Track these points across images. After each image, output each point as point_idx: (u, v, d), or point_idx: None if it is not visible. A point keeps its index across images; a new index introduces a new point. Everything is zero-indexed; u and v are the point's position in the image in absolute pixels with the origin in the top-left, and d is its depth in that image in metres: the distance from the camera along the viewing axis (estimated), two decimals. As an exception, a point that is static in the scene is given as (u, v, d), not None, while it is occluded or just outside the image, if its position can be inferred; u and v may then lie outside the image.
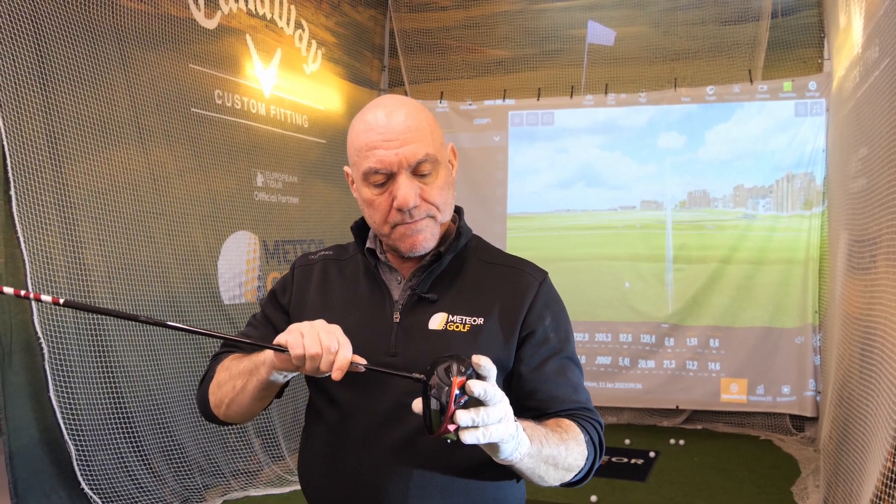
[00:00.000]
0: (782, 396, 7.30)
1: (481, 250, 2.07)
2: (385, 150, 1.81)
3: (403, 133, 1.83)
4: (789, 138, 7.26)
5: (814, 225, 7.20)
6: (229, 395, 1.88)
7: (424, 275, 1.94)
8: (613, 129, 7.89)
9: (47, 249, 4.52)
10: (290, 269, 2.15)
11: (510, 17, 8.21)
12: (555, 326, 1.97)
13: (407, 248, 1.89)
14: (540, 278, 2.01)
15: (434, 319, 1.90)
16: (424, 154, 1.83)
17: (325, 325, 1.65)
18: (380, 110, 1.87)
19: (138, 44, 5.19)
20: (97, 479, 4.72)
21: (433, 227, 1.90)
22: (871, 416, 3.90)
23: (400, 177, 1.82)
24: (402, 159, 1.81)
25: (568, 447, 1.77)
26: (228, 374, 1.89)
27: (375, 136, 1.83)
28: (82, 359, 4.70)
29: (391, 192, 1.84)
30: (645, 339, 7.73)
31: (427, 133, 1.87)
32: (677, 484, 5.91)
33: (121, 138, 5.06)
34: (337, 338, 1.63)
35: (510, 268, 2.02)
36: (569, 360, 1.97)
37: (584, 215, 8.01)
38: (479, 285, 1.97)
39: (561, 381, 1.93)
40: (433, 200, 1.88)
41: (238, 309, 6.02)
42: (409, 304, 1.92)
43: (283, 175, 6.70)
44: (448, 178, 1.94)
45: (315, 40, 7.22)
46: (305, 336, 1.62)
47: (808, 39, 7.25)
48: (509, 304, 1.93)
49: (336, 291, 2.02)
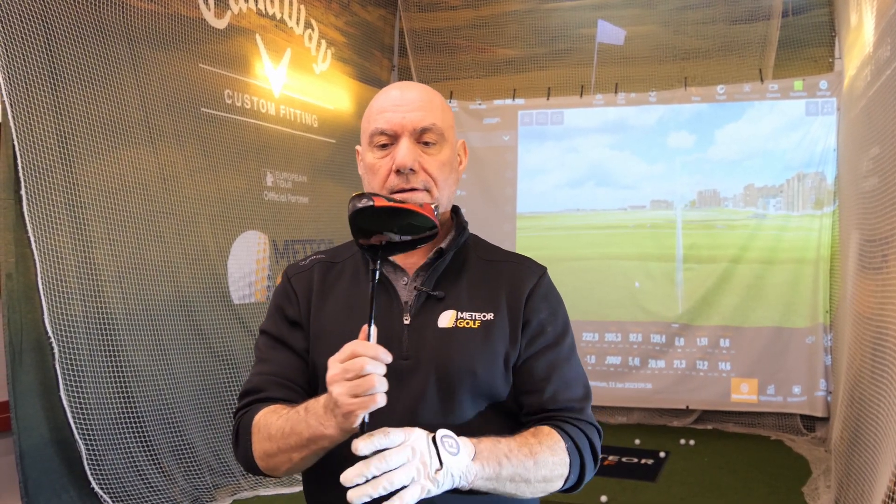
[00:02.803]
0: (793, 396, 7.28)
1: (479, 248, 2.05)
2: (393, 112, 1.85)
3: (414, 101, 1.87)
4: (800, 137, 7.24)
5: (824, 224, 7.17)
6: (285, 465, 1.76)
7: (429, 272, 1.91)
8: (623, 129, 7.88)
9: (58, 249, 4.53)
10: (282, 280, 2.06)
11: (520, 17, 8.20)
12: (551, 320, 1.94)
13: None
14: (539, 272, 2.00)
15: (443, 317, 1.87)
16: (431, 122, 1.86)
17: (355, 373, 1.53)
18: (397, 84, 1.93)
19: (148, 44, 5.20)
20: (107, 478, 4.72)
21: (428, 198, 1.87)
22: (882, 417, 3.88)
23: (402, 139, 1.84)
24: (407, 122, 1.84)
25: (538, 461, 1.72)
26: (277, 446, 1.73)
27: (387, 102, 1.87)
28: (92, 358, 4.72)
29: (392, 156, 1.85)
30: (655, 338, 7.71)
31: (438, 108, 1.90)
32: (687, 484, 5.89)
33: (131, 138, 5.07)
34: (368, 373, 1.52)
35: (509, 262, 2.01)
36: (564, 355, 1.94)
37: (594, 215, 8.00)
38: (483, 281, 1.95)
39: (552, 376, 1.89)
40: (432, 172, 1.87)
41: (248, 308, 6.02)
42: (417, 303, 1.88)
43: (292, 175, 6.70)
44: (452, 160, 1.94)
45: (325, 40, 7.22)
46: (340, 397, 1.52)
47: (819, 38, 7.22)
48: (512, 298, 1.92)
49: (338, 295, 1.96)
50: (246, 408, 1.89)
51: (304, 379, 1.92)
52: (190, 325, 5.46)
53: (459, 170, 2.02)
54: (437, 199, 1.88)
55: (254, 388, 1.91)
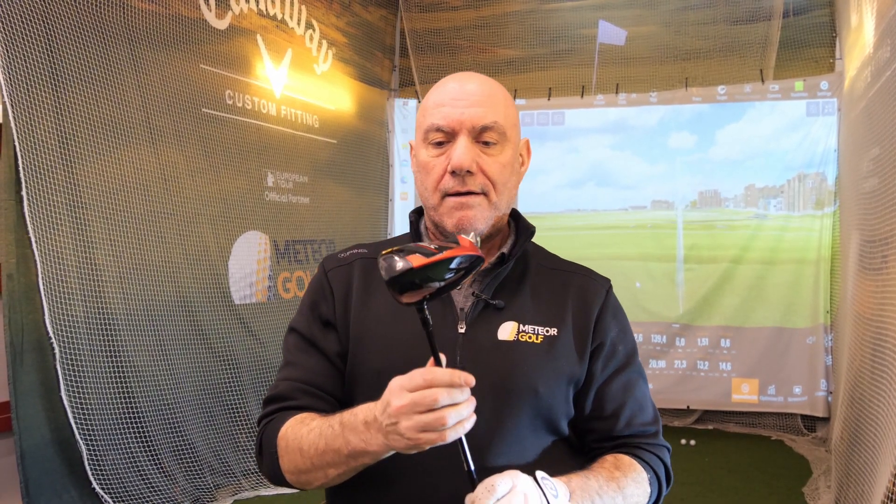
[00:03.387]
0: (794, 396, 7.28)
1: (540, 255, 1.93)
2: (451, 107, 1.71)
3: (474, 95, 1.72)
4: (801, 138, 7.24)
5: (825, 225, 7.17)
6: (320, 480, 1.64)
7: (489, 279, 1.78)
8: (624, 129, 7.88)
9: (58, 249, 4.53)
10: (318, 273, 1.91)
11: (521, 17, 8.20)
12: (622, 338, 1.84)
13: (454, 225, 1.71)
14: (606, 286, 1.89)
15: (503, 329, 1.73)
16: (492, 121, 1.72)
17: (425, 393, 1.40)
18: (458, 76, 1.79)
19: (149, 44, 5.20)
20: (108, 478, 4.73)
21: (486, 209, 1.73)
22: (882, 417, 3.89)
23: (460, 137, 1.70)
24: (466, 119, 1.70)
25: (626, 495, 1.64)
26: (310, 462, 1.61)
27: (445, 96, 1.73)
28: (93, 358, 4.72)
29: (448, 155, 1.71)
30: (656, 339, 7.72)
31: (501, 103, 1.76)
32: (688, 484, 5.89)
33: (132, 138, 5.07)
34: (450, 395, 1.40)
35: (575, 274, 1.89)
36: (636, 374, 1.85)
37: (595, 215, 8.00)
38: (547, 292, 1.82)
39: (627, 400, 1.80)
40: (491, 174, 1.72)
41: (249, 309, 6.02)
42: (473, 312, 1.74)
43: (293, 175, 6.71)
44: (514, 162, 1.80)
45: (326, 40, 7.22)
46: (409, 433, 1.39)
47: (820, 39, 7.22)
48: (581, 314, 1.80)
49: (382, 295, 1.79)
50: (271, 416, 1.78)
51: (333, 385, 1.80)
52: (191, 326, 5.46)
53: (521, 171, 1.89)
54: (496, 204, 1.75)
55: (280, 395, 1.79)
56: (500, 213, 1.78)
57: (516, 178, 1.83)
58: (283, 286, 6.48)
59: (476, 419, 1.50)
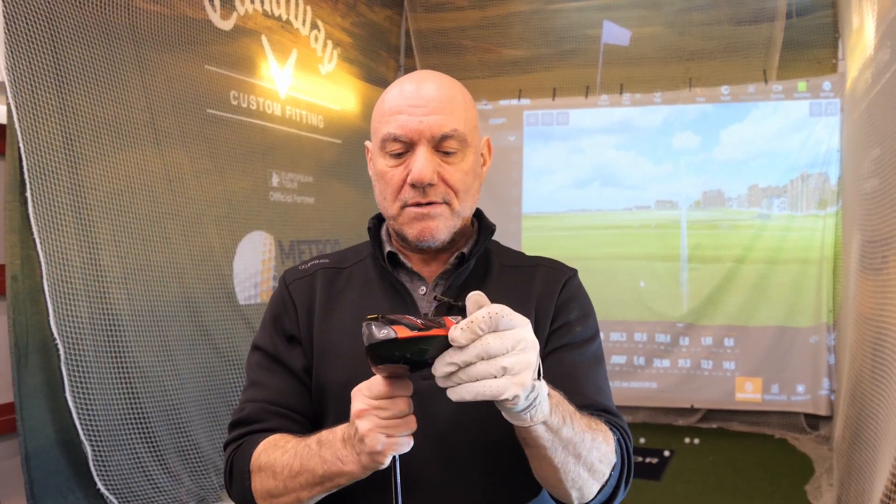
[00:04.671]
0: (797, 395, 7.29)
1: (502, 254, 1.87)
2: (409, 115, 1.62)
3: (433, 101, 1.63)
4: (804, 138, 7.25)
5: (828, 225, 7.18)
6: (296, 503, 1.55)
7: (450, 280, 1.73)
8: (628, 129, 7.89)
9: (63, 251, 4.53)
10: (279, 286, 1.86)
11: (526, 17, 8.22)
12: (581, 321, 1.76)
13: (415, 236, 1.66)
14: (569, 273, 1.85)
15: None
16: (452, 129, 1.63)
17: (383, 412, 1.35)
18: (414, 77, 1.70)
19: (154, 45, 5.21)
20: (113, 479, 4.73)
21: (448, 218, 1.68)
22: (882, 416, 3.90)
23: (419, 148, 1.62)
24: (425, 128, 1.61)
25: (595, 438, 1.47)
26: (283, 484, 1.53)
27: (401, 101, 1.64)
28: (98, 359, 4.72)
29: (407, 165, 1.64)
30: (660, 338, 7.73)
31: (460, 108, 1.67)
32: (692, 483, 5.91)
33: (136, 139, 5.08)
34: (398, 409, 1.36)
35: (539, 267, 1.84)
36: (593, 358, 1.74)
37: (599, 215, 8.02)
38: (511, 290, 1.76)
39: (581, 379, 1.67)
40: (453, 183, 1.65)
41: (253, 309, 6.04)
42: (437, 315, 1.62)
43: (298, 175, 6.73)
44: (476, 166, 1.73)
45: (331, 41, 7.24)
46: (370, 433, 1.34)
47: (823, 40, 7.22)
48: (542, 301, 1.75)
49: (347, 306, 1.75)
50: (238, 440, 1.71)
51: (303, 403, 1.73)
52: (196, 326, 5.48)
53: (483, 171, 1.81)
54: (459, 211, 1.69)
55: (247, 418, 1.73)
56: (464, 218, 1.74)
57: (479, 181, 1.77)
58: (288, 286, 6.47)
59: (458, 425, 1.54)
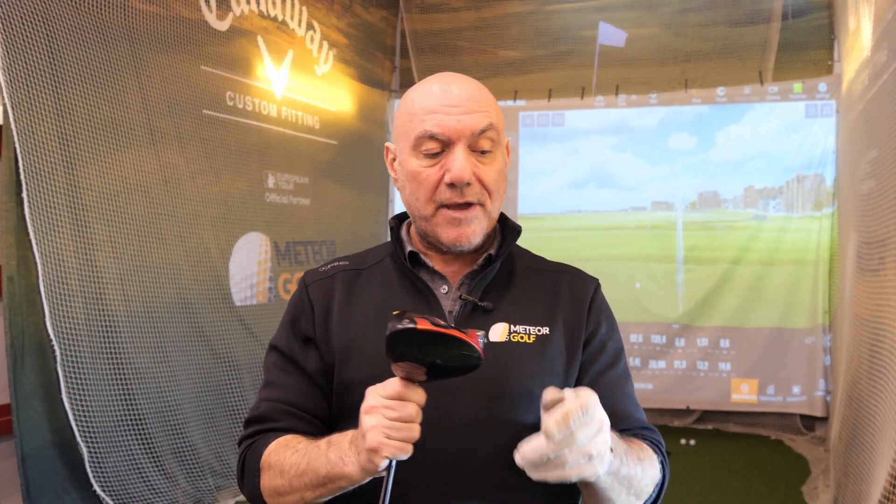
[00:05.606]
0: (793, 396, 7.29)
1: (524, 257, 1.87)
2: (445, 115, 1.61)
3: (467, 100, 1.63)
4: (800, 139, 7.26)
5: (824, 226, 7.19)
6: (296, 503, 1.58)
7: (476, 281, 1.71)
8: (624, 131, 7.89)
9: (59, 251, 4.52)
10: (298, 288, 1.85)
11: (521, 19, 8.21)
12: (610, 335, 1.79)
13: (451, 240, 1.66)
14: (595, 283, 1.85)
15: (494, 331, 1.66)
16: (488, 123, 1.63)
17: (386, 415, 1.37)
18: (440, 79, 1.69)
19: (150, 46, 5.20)
20: (109, 480, 4.72)
21: (482, 220, 1.67)
22: (879, 417, 3.90)
23: (457, 147, 1.61)
24: (463, 127, 1.61)
25: (644, 468, 1.55)
26: (289, 483, 1.56)
27: (434, 101, 1.63)
28: (94, 360, 4.71)
29: (443, 165, 1.62)
30: (656, 339, 7.73)
31: (492, 106, 1.68)
32: (688, 484, 5.91)
33: (132, 140, 5.07)
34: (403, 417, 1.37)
35: (564, 273, 1.85)
36: (624, 372, 1.79)
37: (596, 216, 8.02)
38: (536, 292, 1.76)
39: (620, 397, 1.72)
40: (488, 183, 1.65)
41: (249, 310, 6.03)
42: (462, 314, 1.68)
43: (294, 176, 6.72)
44: (504, 167, 1.73)
45: (326, 41, 7.24)
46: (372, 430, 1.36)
47: (819, 41, 7.23)
48: (570, 312, 1.74)
49: (367, 304, 1.73)
50: (252, 437, 1.75)
51: (316, 405, 1.73)
52: (192, 327, 5.47)
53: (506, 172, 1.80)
54: (490, 212, 1.69)
55: (262, 417, 1.75)
56: (493, 219, 1.74)
57: (505, 182, 1.76)
58: (284, 287, 6.49)
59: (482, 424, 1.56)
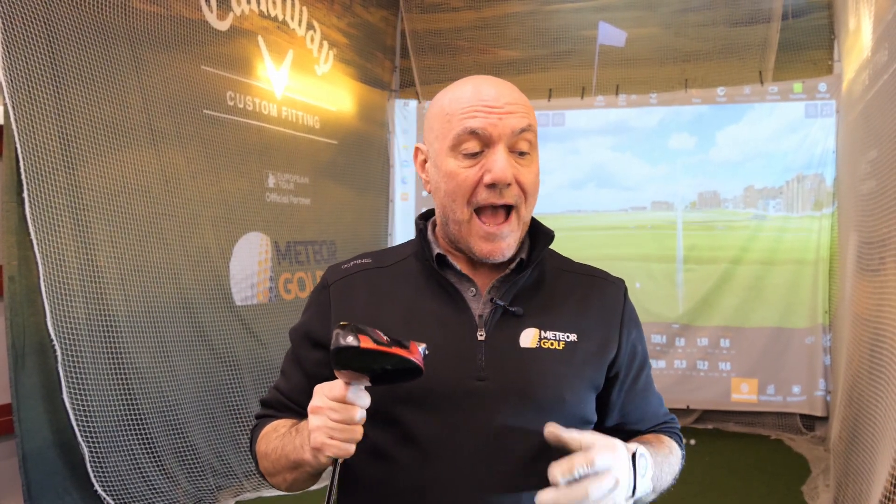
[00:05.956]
0: (793, 396, 7.29)
1: (553, 259, 1.85)
2: (486, 115, 1.61)
3: (507, 101, 1.65)
4: (800, 139, 7.25)
5: (824, 226, 7.19)
6: (283, 485, 1.69)
7: (507, 285, 1.70)
8: (624, 130, 7.89)
9: (60, 251, 4.53)
10: (319, 288, 1.82)
11: (521, 18, 8.21)
12: (640, 339, 1.83)
13: (484, 254, 1.65)
14: (623, 288, 1.87)
15: (525, 336, 1.66)
16: (528, 124, 1.65)
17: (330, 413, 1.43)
18: (479, 79, 1.70)
19: (151, 46, 5.20)
20: (110, 480, 4.73)
21: (516, 232, 1.67)
22: (880, 417, 3.90)
23: (497, 147, 1.61)
24: (504, 126, 1.61)
25: (671, 464, 1.68)
26: (273, 465, 1.67)
27: (474, 101, 1.63)
28: (95, 360, 4.72)
29: (483, 166, 1.61)
30: (656, 339, 7.73)
31: (529, 108, 1.70)
32: (688, 484, 5.89)
33: (133, 140, 5.07)
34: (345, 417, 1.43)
35: (591, 277, 1.85)
36: (650, 370, 1.87)
37: (595, 216, 8.01)
38: (564, 297, 1.75)
39: (650, 397, 1.84)
40: (526, 185, 1.65)
41: (250, 310, 6.03)
42: (492, 319, 1.66)
43: (294, 176, 6.72)
44: (538, 171, 1.72)
45: (327, 41, 7.23)
46: (315, 431, 1.44)
47: (819, 41, 7.23)
48: (601, 318, 1.75)
49: (397, 308, 1.71)
50: (261, 418, 1.86)
51: None
52: (192, 327, 5.48)
53: None
54: (524, 218, 1.68)
55: (268, 402, 1.85)
56: (526, 226, 1.74)
57: (539, 186, 1.74)
58: (285, 287, 6.49)
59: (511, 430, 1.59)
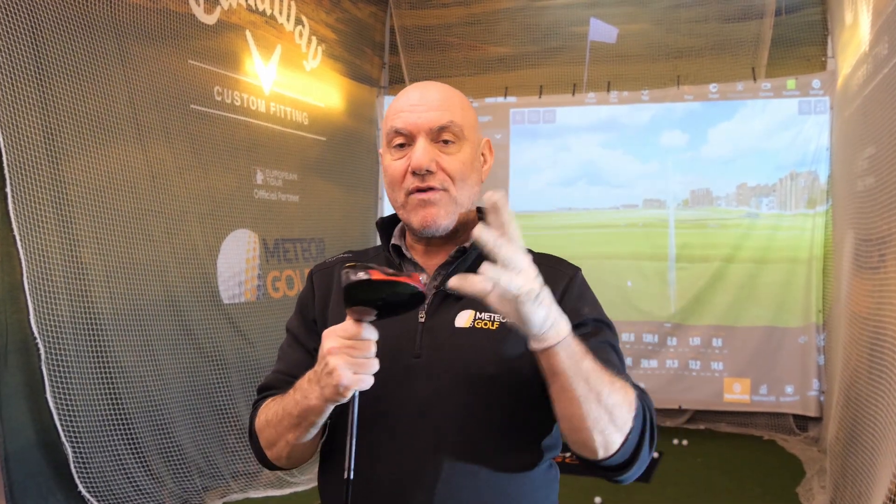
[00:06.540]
0: (785, 396, 7.26)
1: None
2: (409, 112, 1.81)
3: (432, 101, 1.83)
4: (793, 136, 7.22)
5: (817, 224, 7.16)
6: (285, 450, 1.78)
7: (449, 271, 1.86)
8: (616, 127, 7.85)
9: (44, 248, 4.47)
10: (307, 279, 2.05)
11: (512, 14, 8.17)
12: (590, 313, 1.86)
13: (419, 223, 1.81)
14: (572, 272, 1.96)
15: (461, 317, 1.81)
16: (448, 120, 1.82)
17: (340, 344, 1.54)
18: (417, 85, 1.90)
19: (137, 39, 5.14)
20: (94, 481, 4.68)
21: (448, 204, 1.83)
22: (880, 417, 3.86)
23: (419, 139, 1.80)
24: (423, 122, 1.80)
25: (613, 384, 1.59)
26: (275, 430, 1.78)
27: (405, 103, 1.84)
28: (79, 359, 4.67)
29: (409, 157, 1.81)
30: (647, 338, 7.69)
31: (457, 106, 1.86)
32: (681, 485, 5.87)
33: (119, 135, 5.01)
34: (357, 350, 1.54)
35: (541, 265, 1.75)
36: (609, 345, 1.83)
37: (587, 214, 7.97)
38: None
39: (601, 359, 1.65)
40: (450, 171, 1.82)
41: (238, 308, 5.97)
42: (434, 302, 1.83)
43: (282, 173, 6.65)
44: (474, 160, 1.90)
45: (315, 37, 7.17)
46: (340, 368, 1.53)
47: (812, 37, 7.22)
48: None
49: None
50: (257, 402, 1.94)
51: None
52: (179, 325, 5.41)
53: (484, 169, 2.01)
54: (456, 198, 1.85)
55: (266, 385, 1.95)
56: (463, 210, 1.89)
57: (477, 175, 1.94)
58: (273, 285, 6.43)
59: (440, 403, 1.73)
